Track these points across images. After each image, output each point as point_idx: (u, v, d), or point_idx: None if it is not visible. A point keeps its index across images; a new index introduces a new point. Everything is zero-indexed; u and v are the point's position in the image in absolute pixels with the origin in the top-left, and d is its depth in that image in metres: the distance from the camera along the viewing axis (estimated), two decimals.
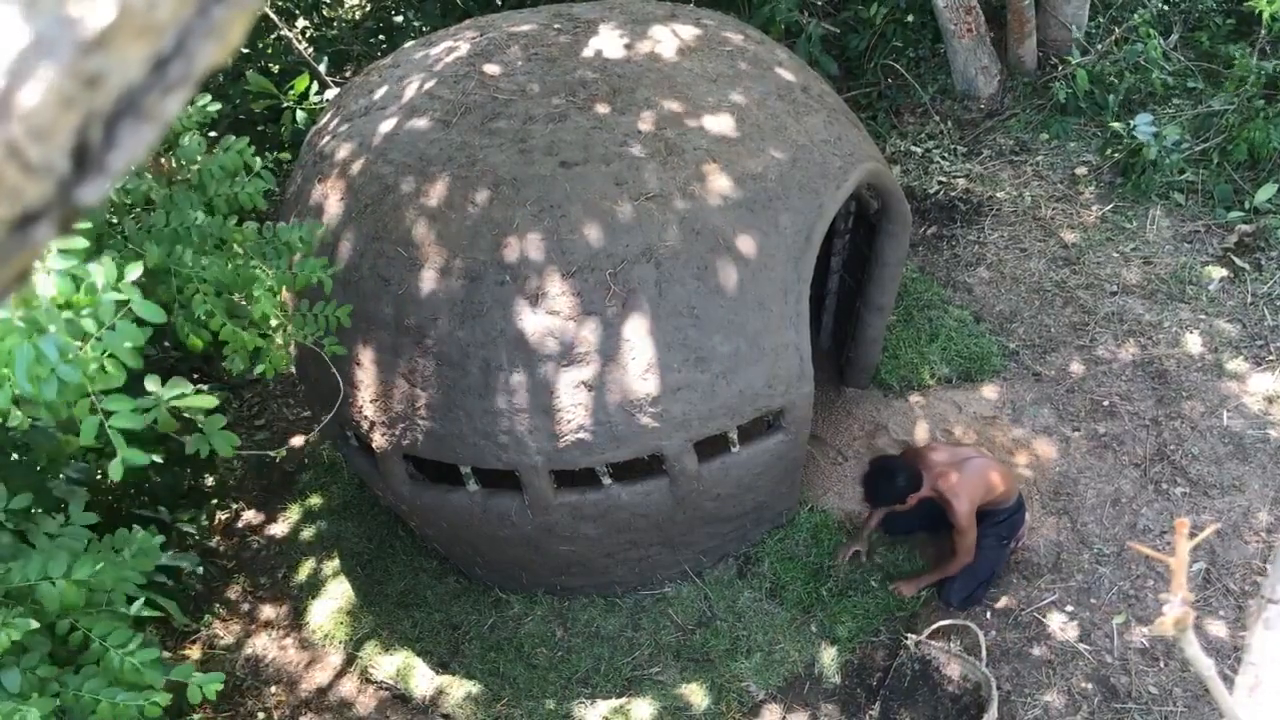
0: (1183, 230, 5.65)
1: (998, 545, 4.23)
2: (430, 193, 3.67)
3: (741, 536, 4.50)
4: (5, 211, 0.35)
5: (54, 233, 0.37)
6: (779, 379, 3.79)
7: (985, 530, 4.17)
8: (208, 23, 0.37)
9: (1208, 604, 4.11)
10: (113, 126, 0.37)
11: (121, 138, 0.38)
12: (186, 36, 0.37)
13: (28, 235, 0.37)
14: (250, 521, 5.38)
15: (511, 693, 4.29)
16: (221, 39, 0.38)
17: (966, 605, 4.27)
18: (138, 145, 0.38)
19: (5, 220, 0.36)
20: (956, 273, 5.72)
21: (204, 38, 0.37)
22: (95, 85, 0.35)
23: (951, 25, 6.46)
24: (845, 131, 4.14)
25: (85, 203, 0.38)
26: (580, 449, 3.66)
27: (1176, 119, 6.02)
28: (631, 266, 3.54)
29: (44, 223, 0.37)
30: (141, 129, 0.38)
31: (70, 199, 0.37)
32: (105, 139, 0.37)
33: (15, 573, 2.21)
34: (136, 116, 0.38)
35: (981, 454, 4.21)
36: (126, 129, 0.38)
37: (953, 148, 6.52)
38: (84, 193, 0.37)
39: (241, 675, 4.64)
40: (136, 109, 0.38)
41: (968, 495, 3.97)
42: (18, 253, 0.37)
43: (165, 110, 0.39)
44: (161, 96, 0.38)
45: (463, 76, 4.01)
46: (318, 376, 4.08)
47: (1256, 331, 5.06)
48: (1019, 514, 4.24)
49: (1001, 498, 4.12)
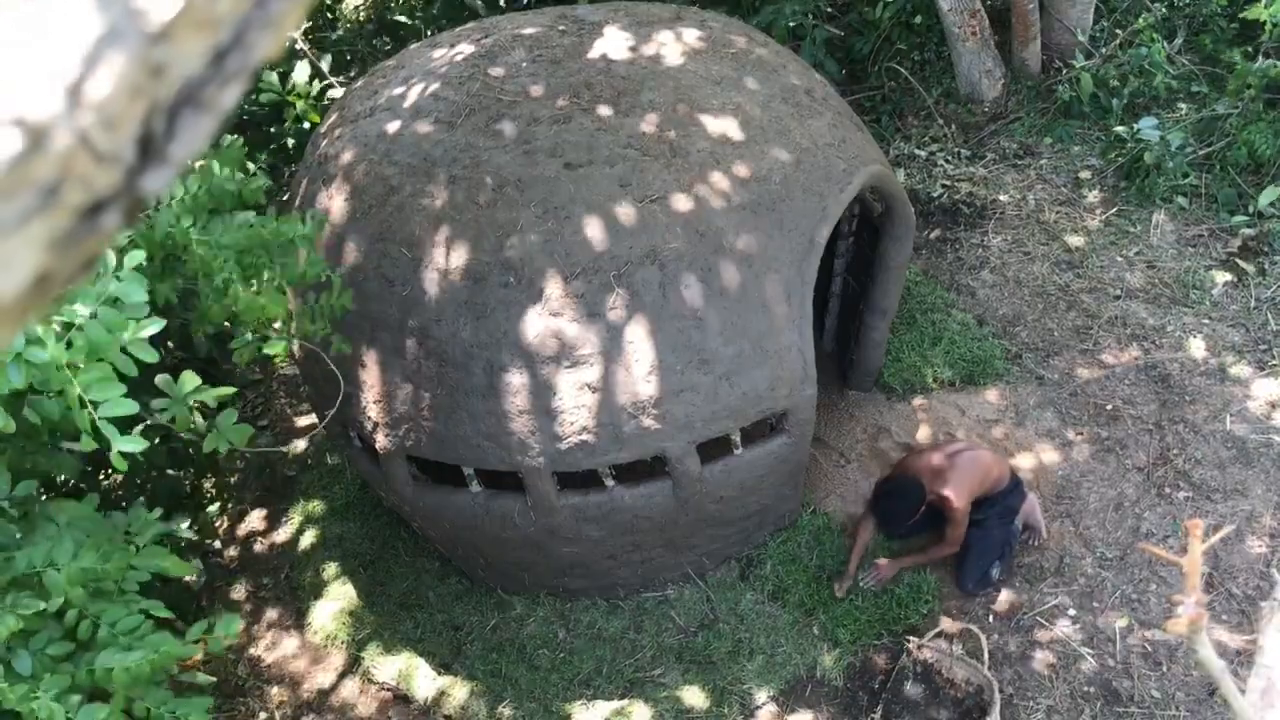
0: (1186, 234, 5.66)
1: (1001, 525, 4.27)
2: (434, 194, 3.68)
3: (744, 539, 4.50)
4: (77, 199, 0.36)
5: (121, 220, 0.38)
6: (782, 381, 3.80)
7: (986, 513, 4.21)
8: (265, 15, 0.37)
9: (1211, 608, 4.11)
10: (174, 117, 0.38)
11: (182, 128, 0.38)
12: (245, 29, 0.37)
13: (97, 222, 0.37)
14: (253, 523, 5.38)
15: (513, 694, 4.29)
16: (277, 31, 0.38)
17: (981, 587, 4.32)
18: (197, 136, 0.39)
19: (77, 207, 0.36)
20: (960, 276, 5.73)
21: (261, 30, 0.38)
22: (159, 76, 0.36)
23: (956, 28, 6.46)
24: (849, 134, 4.14)
25: (149, 191, 0.38)
26: (583, 451, 3.66)
27: (1180, 123, 6.03)
28: (635, 268, 3.54)
29: (112, 210, 0.37)
30: (201, 120, 0.39)
31: (136, 188, 0.38)
32: (168, 129, 0.38)
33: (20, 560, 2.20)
34: (196, 107, 0.38)
35: (971, 444, 4.24)
36: (187, 120, 0.38)
37: (957, 151, 6.53)
38: (148, 181, 0.38)
39: (244, 676, 4.64)
40: (196, 100, 0.38)
41: (965, 494, 4.02)
42: (87, 239, 0.37)
43: (223, 102, 0.39)
44: (220, 88, 0.38)
45: (467, 78, 4.02)
46: (321, 377, 4.08)
47: (1260, 336, 5.07)
48: (1016, 491, 4.27)
49: (996, 483, 4.17)
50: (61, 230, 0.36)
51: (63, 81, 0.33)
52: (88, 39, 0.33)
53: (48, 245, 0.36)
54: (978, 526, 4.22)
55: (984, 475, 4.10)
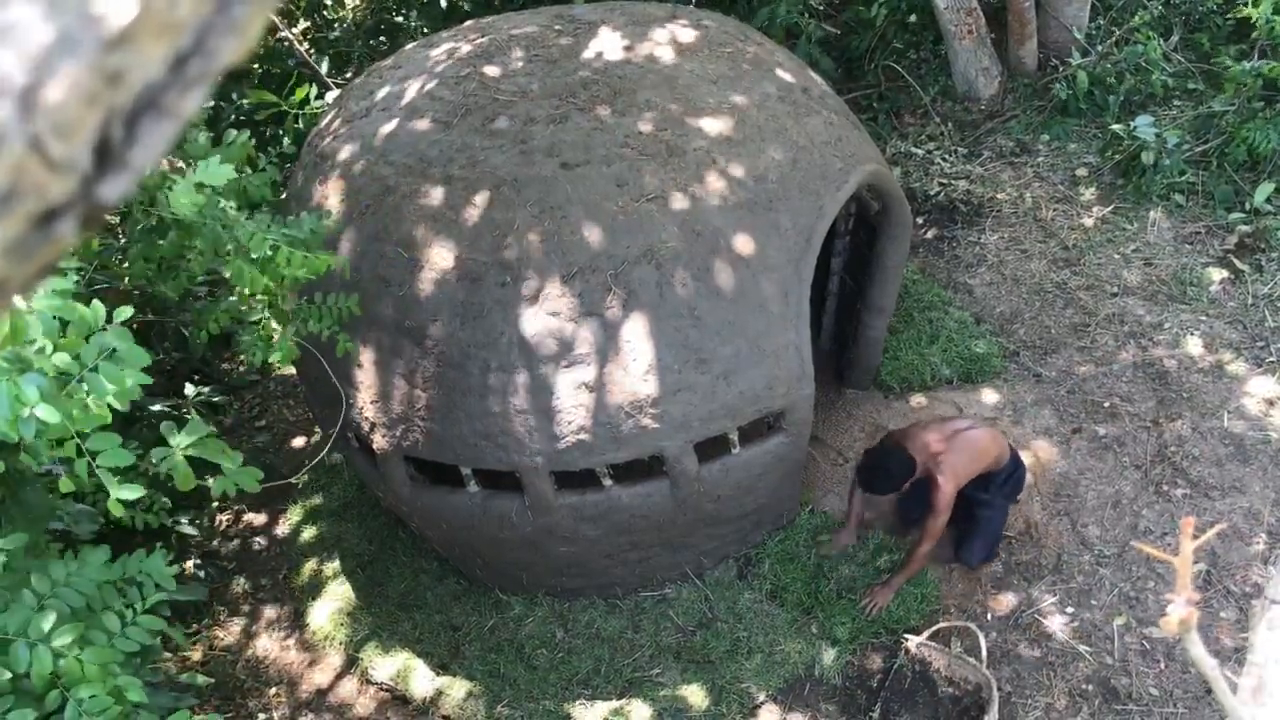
0: (1183, 232, 5.66)
1: (1005, 505, 4.32)
2: (431, 194, 3.67)
3: (742, 538, 4.50)
4: (30, 207, 0.35)
5: (76, 229, 0.38)
6: (779, 380, 3.79)
7: (992, 494, 4.23)
8: (228, 19, 0.37)
9: (1208, 606, 4.11)
10: (134, 123, 0.38)
11: (142, 134, 0.38)
12: (206, 34, 0.37)
13: (51, 230, 0.37)
14: (251, 523, 5.38)
15: (512, 694, 4.29)
16: (241, 36, 0.38)
17: (985, 562, 4.40)
18: (158, 142, 0.38)
19: (30, 215, 0.36)
20: (957, 274, 5.73)
21: (224, 35, 0.37)
22: (117, 82, 0.36)
23: (952, 27, 6.46)
24: (846, 133, 4.14)
25: (107, 199, 0.38)
26: (580, 450, 3.66)
27: (1177, 120, 6.03)
28: (632, 267, 3.54)
29: (67, 218, 0.37)
30: (162, 125, 0.38)
31: (92, 195, 0.37)
32: (126, 135, 0.37)
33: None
34: (157, 113, 0.38)
35: (972, 422, 4.22)
36: (147, 125, 0.38)
37: (953, 149, 6.52)
38: (106, 189, 0.38)
39: (242, 676, 4.64)
40: (157, 106, 0.38)
41: (956, 477, 3.98)
42: (41, 247, 0.37)
43: (184, 107, 0.39)
44: (181, 93, 0.38)
45: (464, 78, 4.01)
46: (318, 378, 4.08)
47: (1257, 333, 5.07)
48: (1019, 471, 4.27)
49: (996, 462, 4.15)
50: (15, 238, 0.36)
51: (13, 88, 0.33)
52: (37, 46, 0.33)
53: (1, 253, 0.36)
54: (984, 506, 4.24)
55: (980, 456, 4.06)
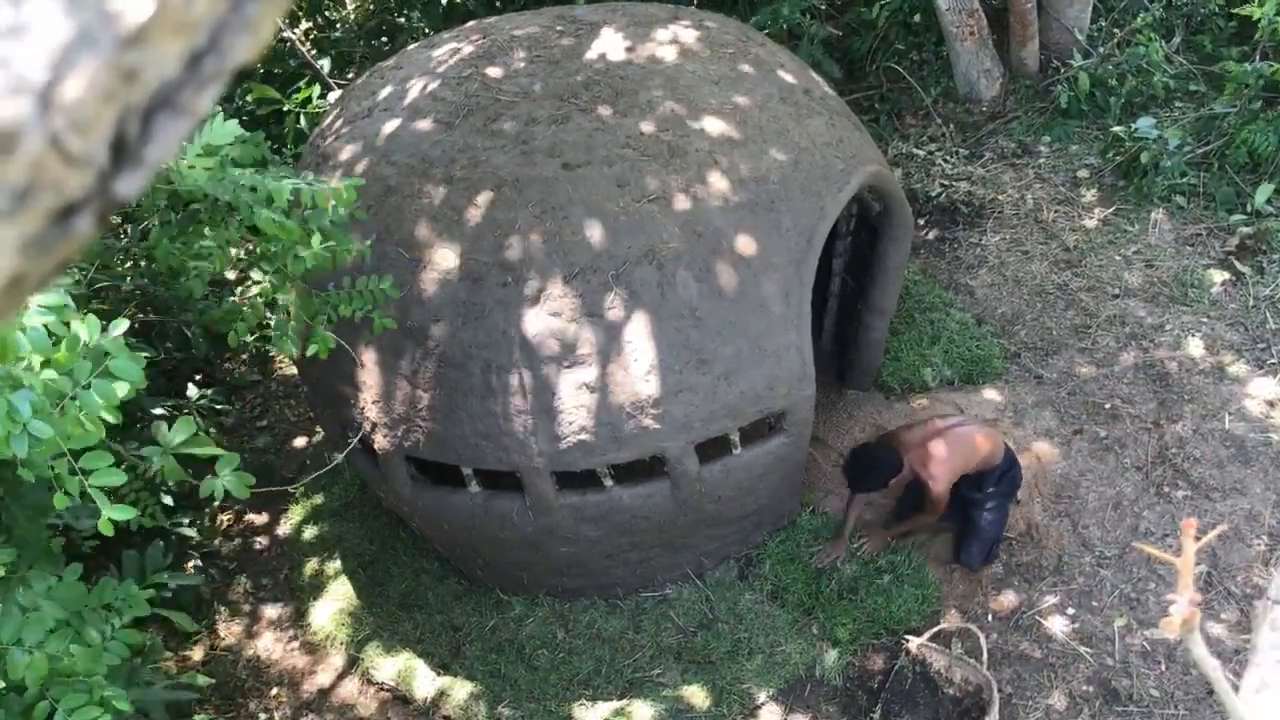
0: (1184, 233, 5.66)
1: (1003, 504, 4.30)
2: (432, 194, 3.68)
3: (743, 539, 4.50)
4: (48, 202, 0.36)
5: (93, 224, 0.38)
6: (780, 381, 3.80)
7: (987, 494, 4.21)
8: (242, 18, 0.37)
9: (1209, 607, 4.11)
10: (149, 120, 0.38)
11: (157, 131, 0.38)
12: (221, 31, 0.37)
13: (69, 226, 0.37)
14: (252, 522, 5.38)
15: (513, 694, 4.29)
16: (254, 34, 0.38)
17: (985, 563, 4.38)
18: (173, 139, 0.39)
19: (48, 211, 0.36)
20: (958, 275, 5.73)
21: (238, 33, 0.38)
22: (133, 79, 0.36)
23: (954, 28, 6.46)
24: (847, 134, 4.14)
25: (123, 195, 0.38)
26: (581, 450, 3.66)
27: (1178, 122, 6.03)
28: (633, 268, 3.54)
29: (84, 214, 0.37)
30: (177, 123, 0.39)
31: (109, 191, 0.38)
32: (142, 132, 0.38)
33: None
34: (172, 110, 0.38)
35: (962, 419, 4.21)
36: (162, 123, 0.38)
37: (955, 150, 6.53)
38: (122, 185, 0.38)
39: (244, 676, 4.64)
40: (172, 103, 0.38)
41: (945, 475, 3.98)
42: (58, 243, 0.37)
43: (199, 105, 0.39)
44: (196, 91, 0.38)
45: (465, 78, 4.02)
46: (320, 378, 4.09)
47: (1258, 335, 5.07)
48: (1014, 469, 4.26)
49: (989, 459, 4.12)
50: (33, 234, 0.36)
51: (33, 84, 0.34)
52: (56, 43, 0.34)
53: (19, 249, 0.36)
54: (979, 506, 4.23)
55: (970, 454, 4.05)
